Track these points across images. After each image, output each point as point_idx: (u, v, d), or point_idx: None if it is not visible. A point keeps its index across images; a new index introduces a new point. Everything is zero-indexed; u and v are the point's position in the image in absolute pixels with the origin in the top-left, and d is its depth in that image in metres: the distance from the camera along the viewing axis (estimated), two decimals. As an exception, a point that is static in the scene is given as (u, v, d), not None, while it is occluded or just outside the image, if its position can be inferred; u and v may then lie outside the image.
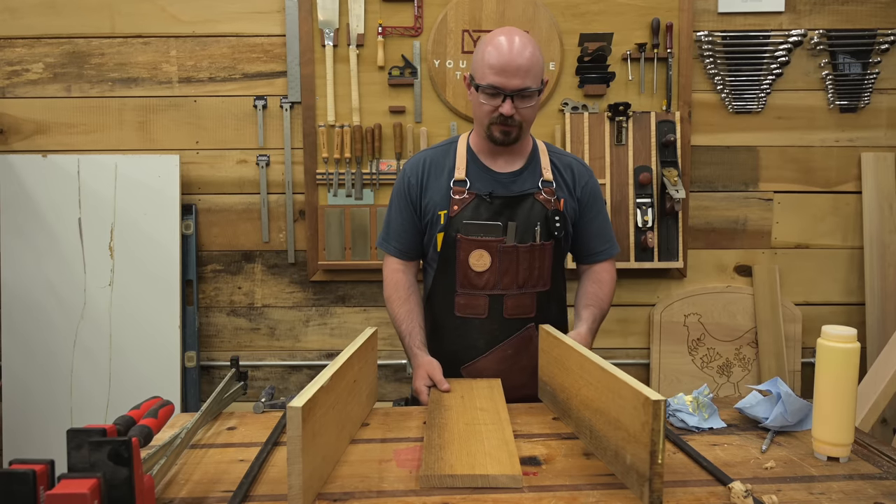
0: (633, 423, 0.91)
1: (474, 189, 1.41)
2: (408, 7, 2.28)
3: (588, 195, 1.48)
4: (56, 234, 2.25)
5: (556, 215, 1.41)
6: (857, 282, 2.42)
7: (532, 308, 1.43)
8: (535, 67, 1.32)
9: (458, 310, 1.43)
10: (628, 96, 2.32)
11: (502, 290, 1.41)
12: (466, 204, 1.40)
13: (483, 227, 1.39)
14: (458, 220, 1.40)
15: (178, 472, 1.02)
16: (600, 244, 1.51)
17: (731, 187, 2.40)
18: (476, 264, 1.39)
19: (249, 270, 2.39)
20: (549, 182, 1.43)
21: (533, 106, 1.36)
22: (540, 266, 1.42)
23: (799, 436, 1.13)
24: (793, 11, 2.33)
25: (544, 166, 1.45)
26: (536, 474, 1.00)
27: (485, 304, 1.41)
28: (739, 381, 2.39)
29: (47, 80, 2.32)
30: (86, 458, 0.78)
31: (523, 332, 1.43)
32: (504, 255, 1.39)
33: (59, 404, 2.24)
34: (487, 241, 1.38)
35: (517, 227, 1.39)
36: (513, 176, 1.44)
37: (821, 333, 1.04)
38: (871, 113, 2.37)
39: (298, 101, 2.31)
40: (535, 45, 1.34)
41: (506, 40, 1.32)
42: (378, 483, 0.97)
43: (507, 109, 1.33)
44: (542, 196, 1.42)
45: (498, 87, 1.32)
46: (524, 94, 1.33)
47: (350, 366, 1.11)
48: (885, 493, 0.92)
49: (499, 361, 1.43)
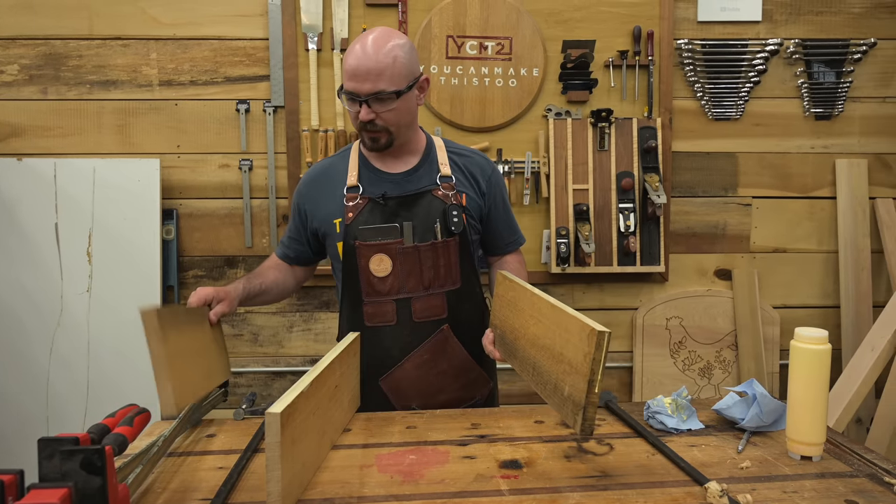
0: (576, 356, 0.95)
1: (367, 193, 1.38)
2: (392, 12, 2.28)
3: (493, 188, 1.46)
4: (32, 239, 2.21)
5: (454, 210, 1.37)
6: (833, 285, 2.47)
7: (443, 309, 1.39)
8: (391, 69, 1.26)
9: (367, 319, 1.39)
10: (610, 103, 2.35)
11: (408, 294, 1.37)
12: (361, 209, 1.37)
13: (379, 230, 1.36)
14: (355, 227, 1.37)
15: (155, 480, 1.01)
16: (509, 235, 1.52)
17: (710, 193, 2.44)
18: (377, 269, 1.36)
19: (232, 276, 2.37)
20: (448, 177, 1.40)
21: (395, 109, 1.30)
22: (445, 264, 1.38)
23: (774, 436, 1.15)
24: (770, 21, 2.38)
25: (441, 162, 1.42)
26: (517, 477, 1.00)
27: (392, 309, 1.38)
28: (720, 383, 2.42)
29: (23, 82, 2.28)
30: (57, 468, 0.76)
31: (437, 335, 1.39)
32: (405, 257, 1.36)
33: (35, 413, 2.19)
34: (385, 245, 1.35)
35: (414, 227, 1.36)
36: (406, 175, 1.41)
37: (794, 336, 1.06)
38: (845, 120, 2.43)
39: (282, 105, 2.30)
40: (395, 45, 1.27)
41: (360, 43, 1.27)
42: (359, 489, 0.97)
43: (364, 115, 1.29)
44: (439, 192, 1.38)
45: (351, 92, 1.28)
46: (379, 98, 1.27)
47: (331, 371, 1.11)
48: (855, 491, 0.94)
49: (416, 368, 1.39)
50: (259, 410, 1.30)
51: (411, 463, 1.05)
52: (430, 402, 1.40)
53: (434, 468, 1.03)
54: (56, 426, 2.18)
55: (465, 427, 1.21)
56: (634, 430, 1.18)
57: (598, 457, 1.07)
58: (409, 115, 1.35)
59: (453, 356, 1.41)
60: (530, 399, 2.43)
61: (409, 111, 1.35)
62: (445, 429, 1.20)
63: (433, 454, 1.09)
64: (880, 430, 2.03)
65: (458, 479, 1.00)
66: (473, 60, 2.29)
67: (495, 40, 2.29)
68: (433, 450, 1.11)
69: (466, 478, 1.00)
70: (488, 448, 1.11)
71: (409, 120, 1.37)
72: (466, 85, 2.29)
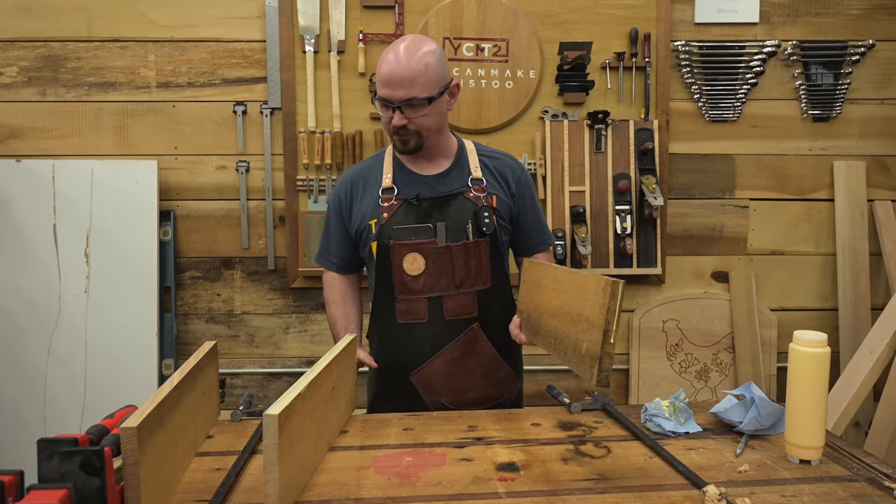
0: (592, 310, 1.00)
1: (402, 194, 1.42)
2: (389, 14, 2.28)
3: (523, 189, 1.50)
4: (30, 240, 2.20)
5: (485, 211, 1.41)
6: (831, 287, 2.47)
7: (473, 308, 1.43)
8: (423, 76, 1.32)
9: (399, 316, 1.43)
10: (607, 104, 2.35)
11: (440, 292, 1.41)
12: (395, 210, 1.41)
13: (413, 230, 1.40)
14: (389, 227, 1.41)
15: (152, 482, 1.00)
16: (539, 236, 1.55)
17: (707, 195, 2.44)
18: (410, 268, 1.40)
19: (229, 277, 2.37)
20: (479, 180, 1.44)
21: (427, 114, 1.35)
22: (476, 264, 1.42)
23: (772, 439, 1.15)
24: (767, 22, 2.39)
25: (473, 165, 1.46)
26: (514, 480, 1.00)
27: (424, 307, 1.41)
28: (717, 386, 2.42)
29: (22, 84, 2.28)
30: (56, 469, 0.76)
31: (468, 333, 1.43)
32: (437, 256, 1.40)
33: (33, 414, 2.19)
34: (419, 244, 1.39)
35: (447, 227, 1.40)
36: (440, 177, 1.45)
37: (792, 338, 1.06)
38: (843, 122, 2.43)
39: (279, 106, 2.30)
40: (427, 52, 1.33)
41: (393, 52, 1.33)
42: (356, 491, 0.97)
43: (397, 120, 1.34)
44: (471, 194, 1.43)
45: (385, 98, 1.34)
46: (412, 104, 1.33)
47: (328, 373, 1.11)
48: (855, 495, 0.94)
49: (446, 364, 1.43)
50: (256, 412, 1.30)
51: (408, 465, 1.05)
52: (460, 398, 1.43)
53: (431, 470, 1.03)
54: (53, 427, 2.18)
55: (462, 429, 1.21)
56: (632, 432, 1.18)
57: (595, 459, 1.07)
58: (440, 119, 1.40)
59: (483, 354, 1.44)
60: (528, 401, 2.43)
61: (440, 116, 1.40)
62: (442, 431, 1.20)
63: (430, 456, 1.09)
64: (879, 434, 2.03)
65: (456, 481, 1.00)
66: (470, 62, 2.29)
67: (492, 42, 2.29)
68: (430, 452, 1.11)
69: (463, 480, 1.00)
70: (485, 450, 1.11)
71: (440, 124, 1.41)
72: (463, 87, 2.29)
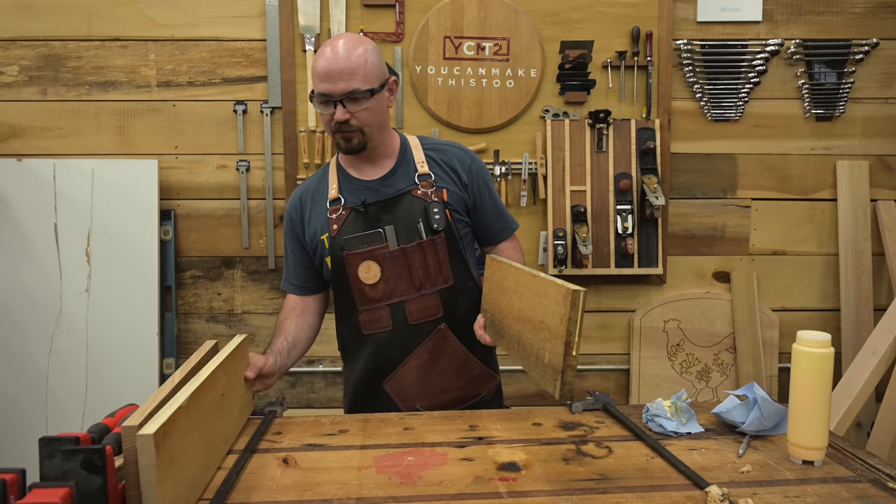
0: (553, 320, 0.95)
1: (348, 203, 1.39)
2: (389, 13, 2.28)
3: (475, 178, 1.45)
4: (31, 239, 2.20)
5: (434, 207, 1.37)
6: (833, 288, 2.46)
7: (438, 308, 1.39)
8: (363, 68, 1.29)
9: (364, 328, 1.40)
10: (608, 104, 2.34)
11: (400, 297, 1.38)
12: (344, 220, 1.38)
13: (363, 237, 1.36)
14: (340, 238, 1.37)
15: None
16: (500, 224, 1.50)
17: (709, 194, 2.43)
18: (366, 277, 1.36)
19: (229, 276, 2.37)
20: (426, 175, 1.40)
21: (369, 108, 1.32)
22: (434, 263, 1.38)
23: (775, 440, 1.14)
24: (770, 21, 2.38)
25: (418, 161, 1.42)
26: (515, 480, 0.99)
27: (387, 315, 1.38)
28: (718, 387, 2.42)
29: (22, 83, 2.28)
30: (58, 467, 0.76)
31: (436, 335, 1.39)
32: (392, 261, 1.36)
33: (34, 413, 2.19)
34: (371, 251, 1.36)
35: (396, 229, 1.36)
36: (384, 179, 1.41)
37: (796, 339, 1.05)
38: (846, 122, 2.42)
39: (279, 106, 2.29)
40: (365, 47, 1.31)
41: (330, 47, 1.30)
42: (357, 490, 0.97)
43: (339, 115, 1.30)
44: (419, 191, 1.38)
45: (325, 93, 1.29)
46: (354, 97, 1.29)
47: (215, 380, 1.04)
48: (858, 496, 0.93)
49: (417, 369, 1.40)
50: (258, 410, 1.29)
51: (409, 465, 1.05)
52: (435, 401, 1.40)
53: (432, 470, 1.03)
54: (55, 426, 2.18)
55: (463, 429, 1.20)
56: (633, 433, 1.17)
57: (596, 460, 1.07)
58: (381, 115, 1.36)
59: (453, 355, 1.41)
60: (527, 401, 2.43)
61: (382, 111, 1.37)
62: (443, 430, 1.20)
63: (431, 456, 1.08)
64: (881, 435, 2.03)
65: (457, 481, 0.99)
66: (471, 61, 2.29)
67: (493, 41, 2.29)
68: (431, 451, 1.10)
69: (465, 480, 1.00)
70: (486, 450, 1.11)
71: (382, 121, 1.38)
72: (464, 86, 2.29)
